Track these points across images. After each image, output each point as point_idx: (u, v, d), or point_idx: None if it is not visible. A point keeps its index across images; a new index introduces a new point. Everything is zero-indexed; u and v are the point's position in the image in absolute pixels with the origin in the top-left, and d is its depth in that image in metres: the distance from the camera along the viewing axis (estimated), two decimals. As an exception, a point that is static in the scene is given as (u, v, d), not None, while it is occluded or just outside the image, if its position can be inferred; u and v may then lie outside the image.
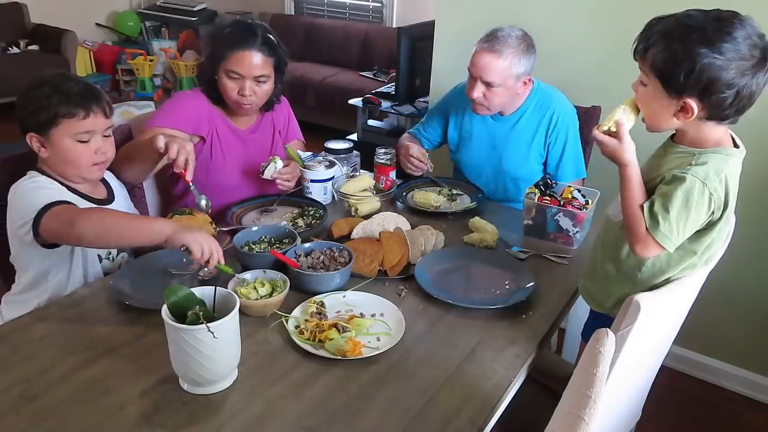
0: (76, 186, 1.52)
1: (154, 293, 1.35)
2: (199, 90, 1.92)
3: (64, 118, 1.43)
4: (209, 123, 1.87)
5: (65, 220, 1.34)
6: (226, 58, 1.77)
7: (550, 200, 1.73)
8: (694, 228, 1.23)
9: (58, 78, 1.47)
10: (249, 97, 1.81)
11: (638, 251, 1.26)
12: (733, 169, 1.22)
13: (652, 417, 1.73)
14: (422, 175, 2.07)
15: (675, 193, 1.20)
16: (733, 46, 1.12)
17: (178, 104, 1.88)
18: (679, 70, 1.14)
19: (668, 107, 1.21)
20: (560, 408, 1.05)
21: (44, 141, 1.45)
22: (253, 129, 1.97)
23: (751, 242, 2.11)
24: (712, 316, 2.27)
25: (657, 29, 1.19)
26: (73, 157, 1.47)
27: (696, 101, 1.17)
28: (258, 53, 1.78)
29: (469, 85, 1.93)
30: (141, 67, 5.84)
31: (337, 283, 1.46)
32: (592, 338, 1.01)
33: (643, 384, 1.49)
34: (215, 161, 1.88)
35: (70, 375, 1.18)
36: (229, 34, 1.79)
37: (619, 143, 1.27)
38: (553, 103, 2.01)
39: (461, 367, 1.25)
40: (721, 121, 1.21)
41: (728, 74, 1.12)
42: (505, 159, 2.06)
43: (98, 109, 1.47)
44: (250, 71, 1.78)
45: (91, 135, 1.47)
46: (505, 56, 1.84)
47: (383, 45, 5.21)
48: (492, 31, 1.88)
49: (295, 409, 1.12)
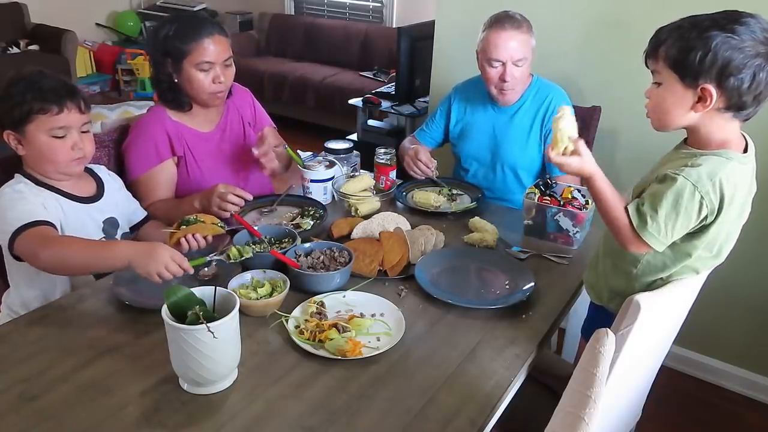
0: (59, 185, 1.52)
1: (154, 293, 1.35)
2: (154, 107, 1.87)
3: (37, 114, 1.42)
4: (178, 139, 1.83)
5: (29, 252, 1.36)
6: (191, 53, 1.73)
7: (550, 200, 1.73)
8: (684, 230, 1.22)
9: (34, 75, 1.46)
10: (223, 83, 1.79)
11: (631, 249, 1.26)
12: (732, 173, 1.19)
13: (652, 417, 1.73)
14: (425, 178, 2.08)
15: (665, 193, 1.19)
16: (747, 29, 1.11)
17: (148, 138, 1.81)
18: (693, 55, 1.13)
19: (685, 99, 1.18)
20: (560, 408, 1.05)
21: (20, 138, 1.45)
22: (220, 127, 1.93)
23: (751, 242, 2.11)
24: (711, 316, 2.27)
25: (665, 31, 1.19)
26: (49, 154, 1.46)
27: (714, 86, 1.15)
28: (218, 36, 1.76)
29: (494, 72, 1.96)
30: (141, 67, 5.83)
31: (337, 283, 1.46)
32: (592, 338, 1.01)
33: (643, 384, 1.49)
34: (193, 175, 1.86)
35: (69, 375, 1.18)
36: (182, 30, 1.74)
37: (580, 158, 1.27)
38: (551, 93, 2.07)
39: (461, 367, 1.25)
40: (739, 111, 1.18)
41: (743, 54, 1.11)
42: (504, 148, 2.09)
43: (72, 104, 1.46)
44: (219, 57, 1.76)
45: (67, 130, 1.46)
46: (524, 30, 1.93)
47: (383, 45, 5.21)
48: (498, 15, 1.95)
49: (295, 409, 1.12)
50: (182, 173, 1.86)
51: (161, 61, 1.78)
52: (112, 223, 1.61)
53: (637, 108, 2.06)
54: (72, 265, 1.36)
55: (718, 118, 1.20)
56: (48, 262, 1.34)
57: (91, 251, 1.35)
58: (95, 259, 1.34)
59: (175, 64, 1.77)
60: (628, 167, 2.30)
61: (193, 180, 1.86)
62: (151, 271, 1.29)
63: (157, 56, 1.79)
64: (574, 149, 1.27)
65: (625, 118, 2.26)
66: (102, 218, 1.59)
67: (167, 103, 1.85)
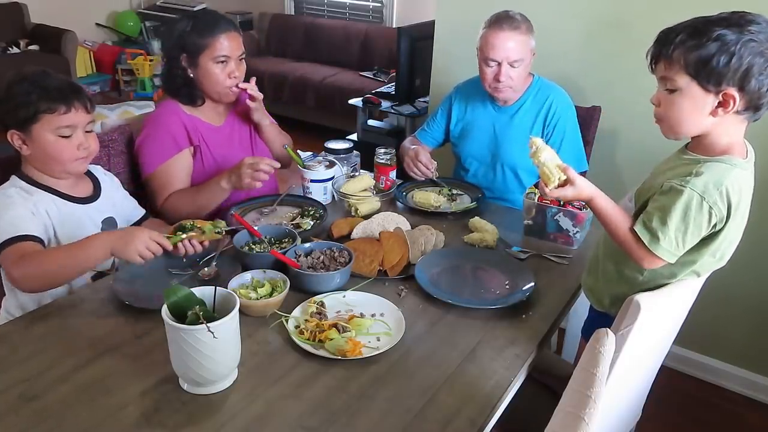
0: (57, 185, 1.52)
1: (154, 293, 1.35)
2: (166, 102, 1.90)
3: (44, 113, 1.42)
4: (194, 130, 1.87)
5: (6, 272, 1.36)
6: (208, 47, 1.78)
7: (550, 200, 1.73)
8: (696, 240, 1.21)
9: (38, 74, 1.46)
10: (237, 78, 1.85)
11: (645, 266, 1.26)
12: (737, 180, 1.18)
13: (652, 417, 1.73)
14: (425, 179, 2.08)
15: (673, 206, 1.18)
16: (761, 28, 1.11)
17: (164, 129, 1.84)
18: (716, 60, 1.11)
19: (704, 105, 1.16)
20: (560, 408, 1.05)
21: (25, 138, 1.45)
22: (229, 122, 1.98)
23: (751, 243, 2.10)
24: (712, 316, 2.27)
25: (675, 33, 1.16)
26: (55, 153, 1.46)
27: (736, 89, 1.13)
28: (234, 32, 1.83)
29: (491, 72, 1.97)
30: (141, 67, 5.84)
31: (337, 283, 1.46)
32: (592, 338, 1.01)
33: (643, 384, 1.49)
34: (207, 166, 1.89)
35: (69, 375, 1.18)
36: (200, 26, 1.79)
37: (574, 186, 1.27)
38: (552, 93, 2.07)
39: (461, 367, 1.25)
40: (755, 112, 1.17)
41: (764, 57, 1.10)
42: (504, 148, 2.09)
43: (79, 104, 1.46)
44: (234, 52, 1.82)
45: (73, 130, 1.47)
46: (522, 30, 1.93)
47: (383, 45, 5.21)
48: (498, 15, 1.95)
49: (295, 409, 1.12)
50: (197, 164, 1.89)
51: (177, 56, 1.83)
52: (111, 223, 1.61)
53: (637, 108, 2.07)
54: (51, 276, 1.35)
55: (733, 120, 1.18)
56: (23, 282, 1.34)
57: (67, 254, 1.35)
58: (73, 260, 1.34)
59: (191, 59, 1.82)
60: (628, 167, 2.31)
61: (208, 171, 1.88)
62: (132, 253, 1.31)
63: (173, 52, 1.83)
64: (566, 177, 1.27)
65: (625, 118, 2.26)
66: (100, 218, 1.59)
67: (180, 98, 1.89)
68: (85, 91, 1.51)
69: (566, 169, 1.27)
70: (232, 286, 1.38)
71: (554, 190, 1.28)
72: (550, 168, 1.28)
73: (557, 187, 1.28)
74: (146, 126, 1.88)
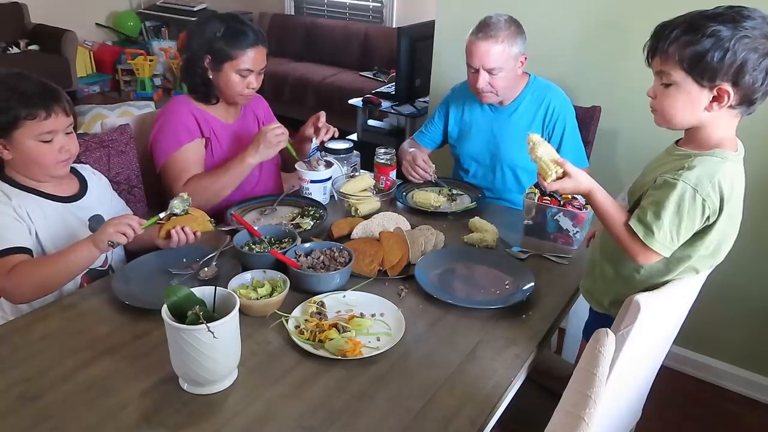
0: (41, 186, 1.51)
1: (154, 293, 1.35)
2: (178, 96, 1.95)
3: (25, 119, 1.41)
4: (205, 123, 1.90)
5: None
6: (236, 58, 1.82)
7: (550, 200, 1.73)
8: (689, 233, 1.22)
9: (13, 78, 1.45)
10: (254, 88, 1.89)
11: (640, 262, 1.26)
12: (729, 173, 1.19)
13: (652, 417, 1.73)
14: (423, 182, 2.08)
15: (666, 200, 1.18)
16: (756, 23, 1.11)
17: (177, 119, 1.88)
18: (711, 56, 1.12)
19: (699, 99, 1.17)
20: (560, 408, 1.05)
21: (6, 143, 1.44)
22: (240, 121, 2.01)
23: (751, 242, 2.11)
24: (711, 316, 2.27)
25: (671, 28, 1.17)
26: (37, 158, 1.46)
27: (730, 85, 1.14)
28: (261, 47, 1.86)
29: (472, 78, 1.98)
30: (141, 67, 5.84)
31: (337, 283, 1.46)
32: (592, 338, 1.01)
33: (643, 384, 1.49)
34: (217, 158, 1.91)
35: (70, 375, 1.18)
36: (231, 34, 1.81)
37: (572, 179, 1.28)
38: (549, 93, 2.07)
39: (461, 367, 1.25)
40: (749, 107, 1.18)
41: (757, 53, 1.11)
42: (503, 148, 2.10)
43: (59, 108, 1.46)
44: (258, 65, 1.86)
45: (54, 134, 1.46)
46: (500, 40, 1.90)
47: (383, 45, 5.21)
48: (481, 21, 1.95)
49: (295, 409, 1.12)
50: (208, 157, 1.92)
51: (201, 56, 1.85)
52: (98, 221, 1.59)
53: (637, 108, 2.07)
54: (43, 286, 1.39)
55: (726, 115, 1.20)
56: (14, 294, 1.37)
57: (56, 263, 1.39)
58: (63, 266, 1.38)
59: (215, 63, 1.85)
60: (628, 167, 2.30)
61: (218, 164, 1.89)
62: (104, 238, 1.36)
63: (198, 51, 1.85)
64: (564, 171, 1.28)
65: (625, 118, 2.26)
66: (86, 216, 1.58)
67: (194, 94, 1.92)
68: (63, 93, 1.50)
69: (563, 163, 1.28)
70: (232, 286, 1.38)
71: (553, 183, 1.29)
72: (546, 163, 1.29)
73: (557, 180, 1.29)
74: (158, 120, 1.91)
